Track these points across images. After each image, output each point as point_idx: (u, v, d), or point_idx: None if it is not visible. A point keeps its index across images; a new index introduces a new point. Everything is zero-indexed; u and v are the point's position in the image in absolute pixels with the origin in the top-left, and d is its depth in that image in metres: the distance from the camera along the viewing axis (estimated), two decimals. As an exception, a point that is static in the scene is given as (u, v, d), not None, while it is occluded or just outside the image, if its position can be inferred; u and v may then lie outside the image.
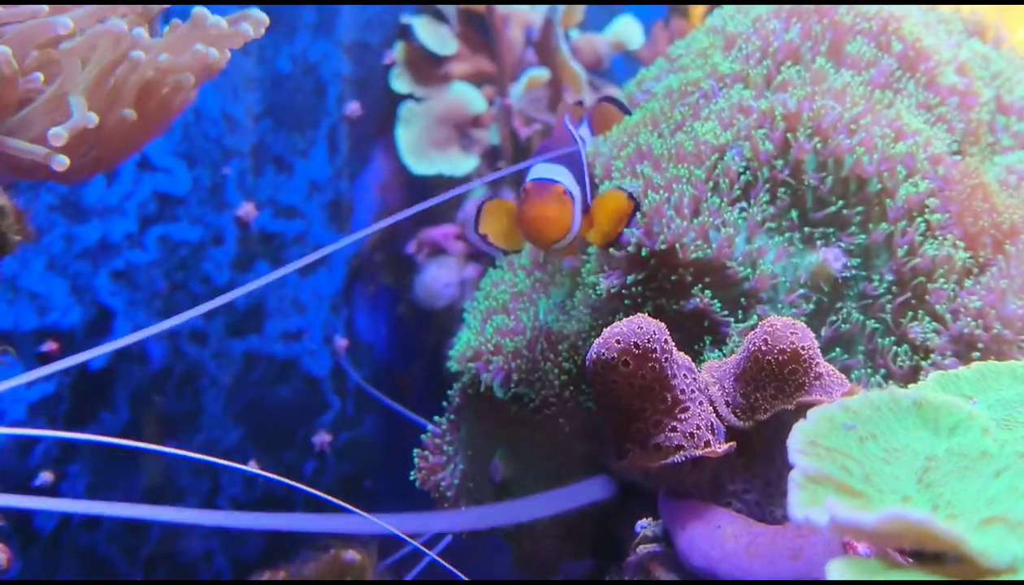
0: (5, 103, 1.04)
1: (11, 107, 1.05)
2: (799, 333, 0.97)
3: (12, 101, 1.05)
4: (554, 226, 1.10)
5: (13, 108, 1.06)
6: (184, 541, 1.90)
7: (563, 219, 1.10)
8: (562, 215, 1.10)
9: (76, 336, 1.81)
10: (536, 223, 1.10)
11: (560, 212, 1.10)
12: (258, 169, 2.02)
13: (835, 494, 0.58)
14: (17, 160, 1.05)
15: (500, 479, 1.34)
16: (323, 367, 2.09)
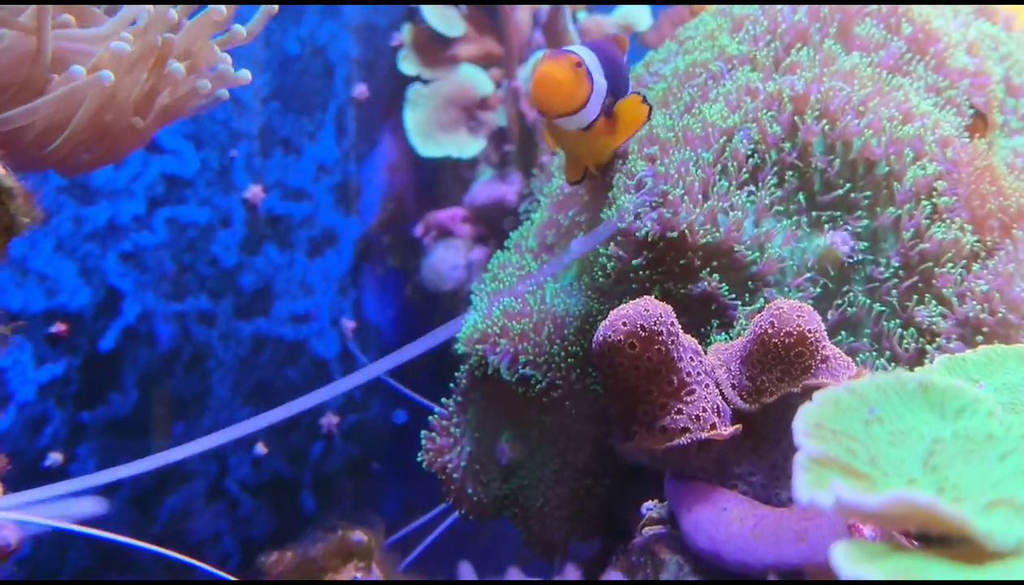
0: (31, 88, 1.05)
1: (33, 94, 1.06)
2: (805, 316, 0.97)
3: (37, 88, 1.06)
4: (560, 89, 1.06)
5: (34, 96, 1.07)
6: (192, 522, 1.92)
7: (571, 85, 1.06)
8: (570, 80, 1.06)
9: (85, 318, 1.81)
10: (541, 83, 1.05)
11: (567, 76, 1.06)
12: (266, 151, 2.02)
13: (840, 476, 0.58)
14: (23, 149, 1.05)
15: (506, 461, 1.35)
16: (331, 349, 2.10)
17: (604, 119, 1.15)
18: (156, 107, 1.17)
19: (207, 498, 1.94)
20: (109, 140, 1.13)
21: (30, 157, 1.08)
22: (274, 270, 2.04)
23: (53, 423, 1.77)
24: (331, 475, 2.08)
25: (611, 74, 1.13)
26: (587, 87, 1.08)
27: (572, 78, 1.07)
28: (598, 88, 1.10)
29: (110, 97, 1.11)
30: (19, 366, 1.73)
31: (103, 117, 1.11)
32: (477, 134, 2.17)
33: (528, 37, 2.23)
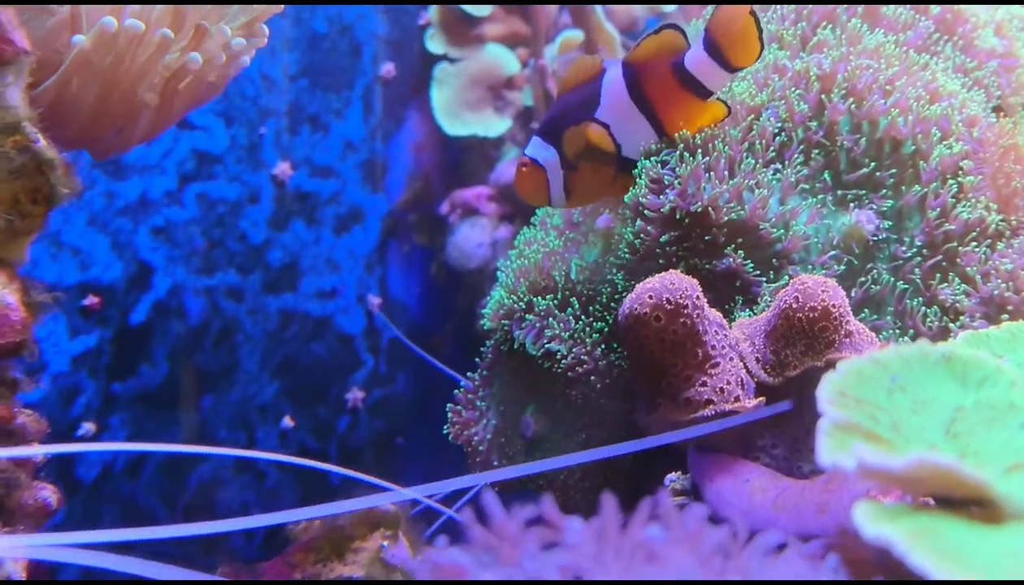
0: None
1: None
2: (830, 291, 0.98)
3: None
4: (530, 198, 1.24)
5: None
6: (221, 492, 1.95)
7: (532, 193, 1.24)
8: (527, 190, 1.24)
9: (117, 291, 1.85)
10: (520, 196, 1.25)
11: (525, 187, 1.24)
12: (294, 128, 2.04)
13: (863, 441, 0.60)
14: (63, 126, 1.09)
15: (531, 434, 1.37)
16: (356, 325, 2.13)
17: (571, 174, 1.24)
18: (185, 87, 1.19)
19: (235, 469, 1.98)
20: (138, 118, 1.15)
21: (68, 136, 1.10)
22: (301, 246, 2.06)
23: (86, 393, 1.81)
24: (357, 449, 2.11)
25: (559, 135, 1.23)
26: (542, 182, 1.23)
27: (528, 187, 1.24)
28: (550, 169, 1.23)
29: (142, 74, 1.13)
30: (53, 337, 1.77)
31: (134, 95, 1.13)
32: (503, 113, 2.19)
33: (555, 17, 2.24)
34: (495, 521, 0.53)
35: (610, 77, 1.23)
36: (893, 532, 0.51)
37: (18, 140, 0.98)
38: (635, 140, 1.24)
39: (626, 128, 1.23)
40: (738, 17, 1.17)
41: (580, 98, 1.23)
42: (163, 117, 1.21)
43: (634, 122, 1.22)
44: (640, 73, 1.22)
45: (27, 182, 0.99)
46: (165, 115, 1.21)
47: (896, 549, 0.51)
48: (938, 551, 0.50)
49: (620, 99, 1.22)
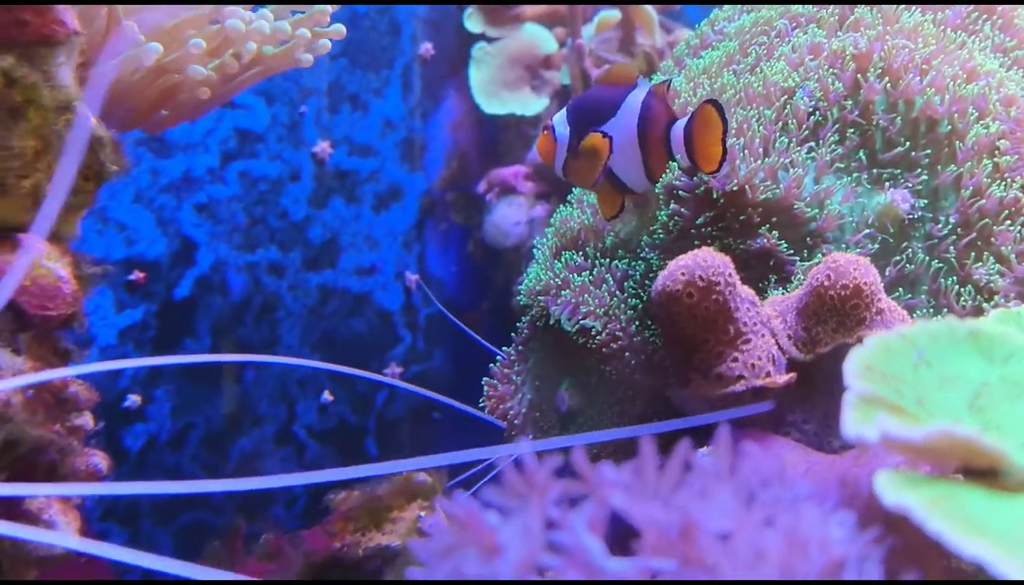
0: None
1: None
2: (862, 269, 0.99)
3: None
4: (543, 158, 1.32)
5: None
6: (262, 464, 2.00)
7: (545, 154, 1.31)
8: (544, 151, 1.31)
9: (161, 266, 1.89)
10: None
11: (543, 148, 1.31)
12: (334, 107, 2.07)
13: (887, 413, 0.61)
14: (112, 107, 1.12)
15: (566, 409, 1.39)
16: (395, 302, 2.16)
17: (573, 160, 1.29)
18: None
19: (276, 442, 2.02)
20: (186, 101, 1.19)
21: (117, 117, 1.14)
22: (341, 224, 2.09)
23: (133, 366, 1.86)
24: (394, 422, 2.15)
25: (579, 121, 1.29)
26: (552, 151, 1.30)
27: (543, 150, 1.31)
28: (560, 145, 1.29)
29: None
30: (101, 311, 1.81)
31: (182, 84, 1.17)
32: (540, 92, 2.20)
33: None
34: (526, 467, 0.55)
35: (632, 98, 1.26)
36: (912, 499, 0.53)
37: (70, 118, 1.01)
38: (625, 164, 1.27)
39: (623, 150, 1.27)
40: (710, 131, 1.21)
41: (607, 100, 1.28)
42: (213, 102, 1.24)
43: (631, 149, 1.26)
44: (650, 112, 1.25)
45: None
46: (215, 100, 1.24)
47: (914, 516, 0.53)
48: (954, 518, 0.52)
49: (629, 123, 1.26)
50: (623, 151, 1.26)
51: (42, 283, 0.99)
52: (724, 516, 0.53)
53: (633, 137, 1.25)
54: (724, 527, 0.53)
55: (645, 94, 1.25)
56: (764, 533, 0.52)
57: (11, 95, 0.96)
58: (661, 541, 0.53)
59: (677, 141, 1.23)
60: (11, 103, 0.96)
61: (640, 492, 0.54)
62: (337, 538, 1.32)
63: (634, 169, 1.27)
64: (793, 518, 0.53)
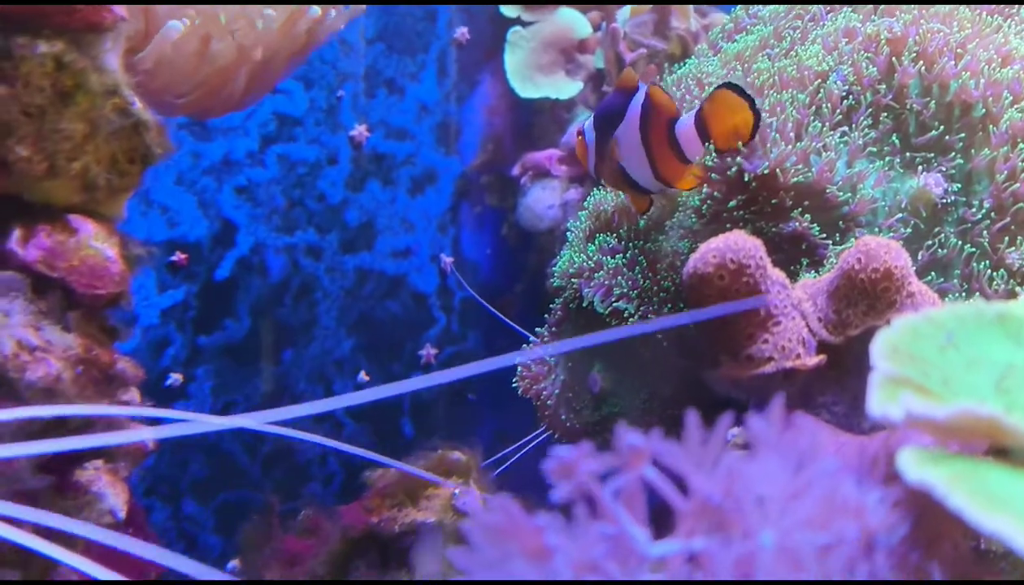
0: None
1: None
2: (893, 252, 1.00)
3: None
4: (581, 160, 1.38)
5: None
6: (300, 443, 2.04)
7: (581, 157, 1.38)
8: (580, 154, 1.38)
9: (202, 248, 1.93)
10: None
11: (579, 151, 1.38)
12: (370, 91, 2.09)
13: (912, 393, 0.63)
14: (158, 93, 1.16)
15: (598, 390, 1.41)
16: (430, 284, 2.18)
17: (600, 163, 1.34)
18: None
19: (314, 420, 2.05)
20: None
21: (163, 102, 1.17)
22: (377, 206, 2.12)
23: (174, 345, 1.90)
24: (429, 403, 2.18)
25: (600, 126, 1.34)
26: (585, 154, 1.36)
27: (579, 153, 1.38)
28: (589, 146, 1.35)
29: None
30: (143, 291, 1.86)
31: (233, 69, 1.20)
32: (575, 76, 2.21)
33: (628, -21, 2.25)
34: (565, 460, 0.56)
35: (634, 102, 1.29)
36: (933, 475, 0.55)
37: (117, 103, 1.04)
38: (634, 166, 1.30)
39: (631, 153, 1.29)
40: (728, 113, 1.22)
41: (617, 106, 1.32)
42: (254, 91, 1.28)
43: (637, 151, 1.29)
44: (650, 112, 1.27)
45: (124, 142, 1.06)
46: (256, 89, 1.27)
47: (935, 492, 0.54)
48: (976, 494, 0.53)
49: (632, 127, 1.29)
50: (631, 154, 1.29)
51: (90, 262, 1.03)
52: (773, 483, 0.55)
53: (637, 140, 1.28)
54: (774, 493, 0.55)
55: (643, 97, 1.28)
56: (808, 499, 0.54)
57: (61, 80, 0.99)
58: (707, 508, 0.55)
59: (686, 137, 1.25)
60: (61, 87, 0.99)
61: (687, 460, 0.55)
62: (374, 513, 1.35)
63: (642, 170, 1.30)
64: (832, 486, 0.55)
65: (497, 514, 0.56)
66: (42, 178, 1.00)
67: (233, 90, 1.26)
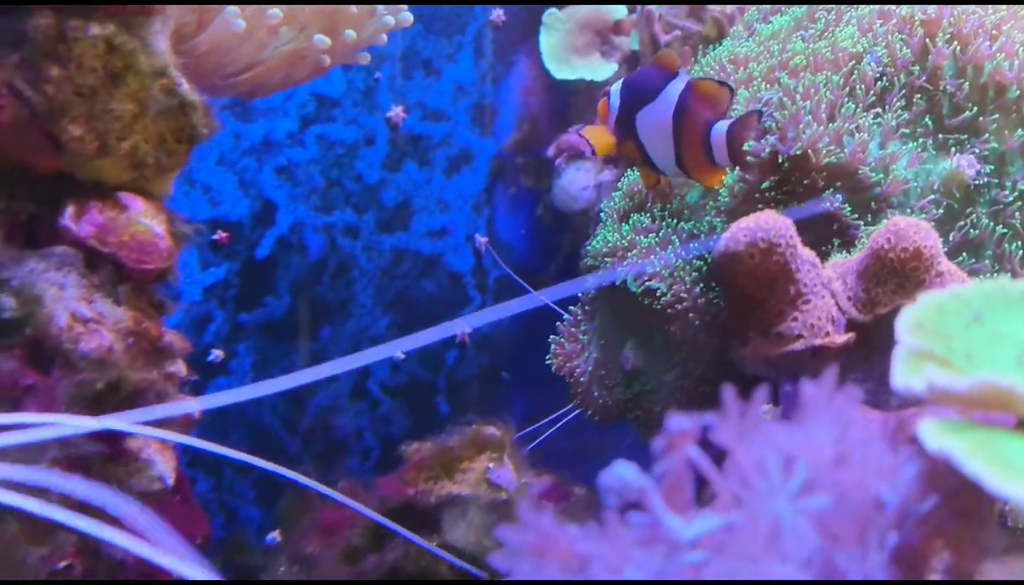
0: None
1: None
2: (922, 232, 1.02)
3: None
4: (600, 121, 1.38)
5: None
6: (338, 418, 2.08)
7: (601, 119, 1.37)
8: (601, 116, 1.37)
9: (243, 227, 1.97)
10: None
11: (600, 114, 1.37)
12: (407, 73, 2.12)
13: (934, 365, 0.65)
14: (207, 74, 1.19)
15: (630, 367, 1.43)
16: (465, 263, 2.21)
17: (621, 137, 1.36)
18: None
19: (351, 397, 2.10)
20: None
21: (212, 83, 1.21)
22: (413, 187, 2.15)
23: (216, 322, 1.95)
24: (463, 381, 2.21)
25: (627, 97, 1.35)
26: (605, 113, 1.36)
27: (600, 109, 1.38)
28: (612, 111, 1.36)
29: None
30: (187, 269, 1.90)
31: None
32: (610, 58, 2.22)
33: (663, -39, 2.25)
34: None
35: (672, 88, 1.31)
36: (953, 444, 0.56)
37: (165, 84, 1.07)
38: (656, 147, 1.32)
39: (656, 134, 1.32)
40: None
41: (650, 83, 1.33)
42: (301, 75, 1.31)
43: (663, 135, 1.31)
44: (687, 109, 1.30)
45: (172, 122, 1.09)
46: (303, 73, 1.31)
47: (954, 459, 0.56)
48: (994, 462, 0.55)
49: (664, 112, 1.31)
50: (656, 135, 1.32)
51: (140, 238, 1.06)
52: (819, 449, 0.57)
53: (667, 126, 1.30)
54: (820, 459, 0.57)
55: (683, 88, 1.30)
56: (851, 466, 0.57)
57: (112, 61, 1.03)
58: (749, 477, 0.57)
59: (719, 144, 1.28)
60: (112, 69, 1.03)
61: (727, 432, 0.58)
62: (410, 485, 1.39)
63: (664, 154, 1.32)
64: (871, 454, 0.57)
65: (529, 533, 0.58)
66: (94, 157, 1.04)
67: (278, 78, 1.30)
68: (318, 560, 1.43)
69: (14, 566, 0.95)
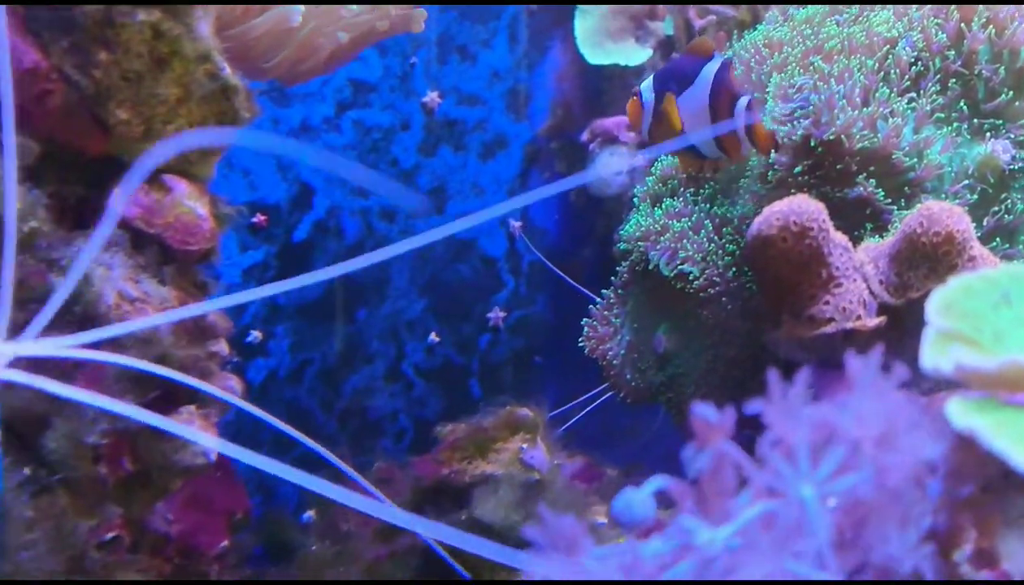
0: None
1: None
2: (955, 217, 1.02)
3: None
4: (632, 123, 1.43)
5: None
6: (373, 399, 2.11)
7: (633, 119, 1.41)
8: (633, 115, 1.41)
9: (281, 210, 2.01)
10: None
11: (632, 113, 1.41)
12: (443, 58, 2.14)
13: (962, 346, 0.66)
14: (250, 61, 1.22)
15: (663, 351, 1.44)
16: (499, 248, 2.23)
17: (657, 125, 1.38)
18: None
19: (386, 378, 2.13)
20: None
21: (255, 68, 1.23)
22: (449, 171, 2.17)
23: (254, 303, 1.99)
24: (497, 365, 2.23)
25: (662, 89, 1.37)
26: (639, 115, 1.39)
27: (631, 115, 1.41)
28: (646, 109, 1.38)
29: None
30: (226, 251, 1.93)
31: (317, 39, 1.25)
32: (644, 43, 2.22)
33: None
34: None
35: (707, 70, 1.33)
36: (979, 423, 0.58)
37: (208, 69, 1.10)
38: (697, 130, 1.33)
39: (696, 118, 1.34)
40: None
41: (686, 70, 1.36)
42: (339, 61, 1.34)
43: (702, 118, 1.33)
44: (720, 86, 1.32)
45: (215, 106, 1.12)
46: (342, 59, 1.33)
47: (980, 437, 0.57)
48: (1020, 439, 0.56)
49: (702, 94, 1.32)
50: (696, 119, 1.33)
51: (184, 220, 1.09)
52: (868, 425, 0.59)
53: (705, 107, 1.32)
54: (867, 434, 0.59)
55: (718, 67, 1.31)
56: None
57: (158, 46, 1.05)
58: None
59: (740, 116, 1.29)
60: (158, 54, 1.05)
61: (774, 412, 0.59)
62: (445, 465, 1.41)
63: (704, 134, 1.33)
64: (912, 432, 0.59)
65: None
66: (139, 140, 1.07)
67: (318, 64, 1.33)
68: (352, 536, 1.46)
69: (64, 537, 0.98)
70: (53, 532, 0.97)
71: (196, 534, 1.15)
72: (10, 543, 0.93)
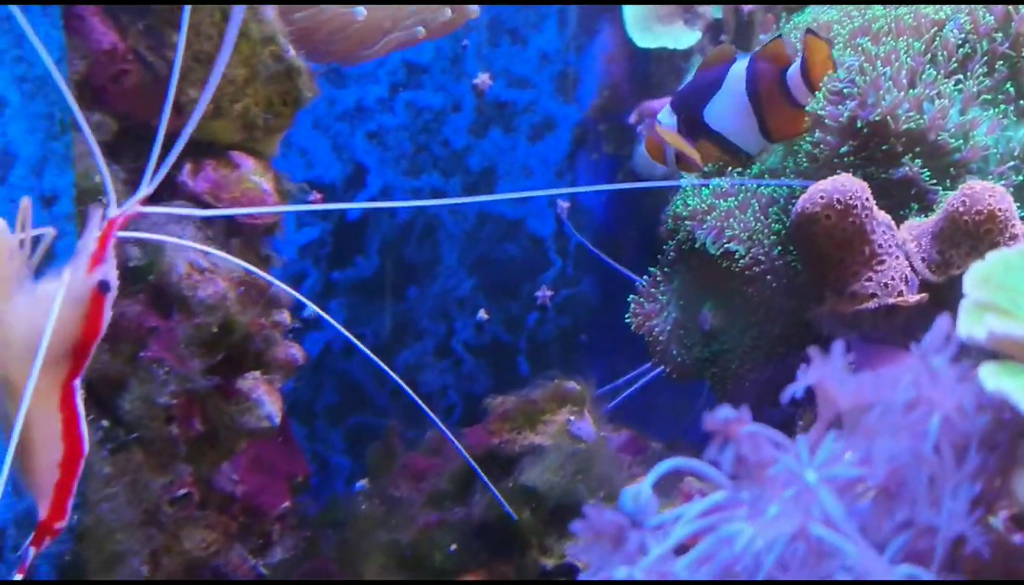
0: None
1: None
2: (997, 196, 1.04)
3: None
4: (653, 158, 1.48)
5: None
6: (424, 374, 2.17)
7: (655, 153, 1.46)
8: (653, 150, 1.46)
9: (336, 189, 2.06)
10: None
11: (651, 149, 1.47)
12: (494, 41, 2.18)
13: (996, 315, 0.69)
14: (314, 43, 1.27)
15: (708, 327, 1.47)
16: (547, 228, 2.27)
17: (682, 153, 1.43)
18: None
19: (436, 355, 2.18)
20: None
21: (317, 50, 1.28)
22: (498, 153, 2.21)
23: (310, 279, 2.05)
24: (544, 343, 2.28)
25: (683, 107, 1.42)
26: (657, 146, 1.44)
27: (651, 149, 1.47)
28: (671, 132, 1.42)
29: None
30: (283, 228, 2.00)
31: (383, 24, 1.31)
32: (693, 26, 2.24)
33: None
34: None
35: (736, 68, 1.36)
36: (1009, 386, 0.61)
37: (273, 50, 1.15)
38: (739, 129, 1.35)
39: (736, 116, 1.37)
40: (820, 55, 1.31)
41: (708, 81, 1.39)
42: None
43: (743, 114, 1.36)
44: (757, 72, 1.35)
45: (279, 86, 1.17)
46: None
47: (1011, 399, 0.60)
48: (1048, 401, 0.59)
49: (737, 89, 1.36)
50: (736, 117, 1.36)
51: (250, 194, 1.15)
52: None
53: (744, 102, 1.34)
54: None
55: (747, 64, 1.35)
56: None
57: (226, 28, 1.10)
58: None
59: (795, 83, 1.32)
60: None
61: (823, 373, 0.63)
62: (495, 435, 1.46)
63: (749, 133, 1.38)
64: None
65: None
66: (209, 118, 1.12)
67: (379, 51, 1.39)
68: (404, 501, 1.50)
69: (139, 492, 1.04)
70: (130, 487, 1.03)
71: (259, 494, 1.21)
72: (91, 496, 0.99)
